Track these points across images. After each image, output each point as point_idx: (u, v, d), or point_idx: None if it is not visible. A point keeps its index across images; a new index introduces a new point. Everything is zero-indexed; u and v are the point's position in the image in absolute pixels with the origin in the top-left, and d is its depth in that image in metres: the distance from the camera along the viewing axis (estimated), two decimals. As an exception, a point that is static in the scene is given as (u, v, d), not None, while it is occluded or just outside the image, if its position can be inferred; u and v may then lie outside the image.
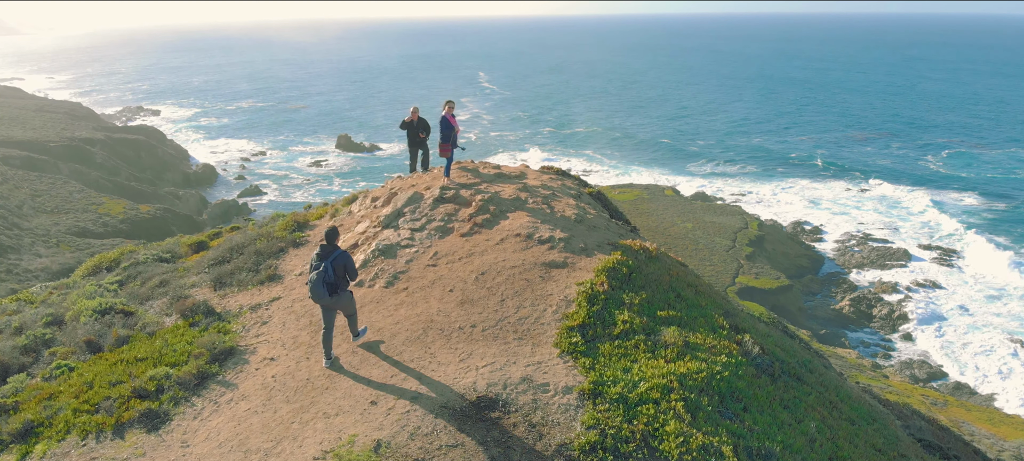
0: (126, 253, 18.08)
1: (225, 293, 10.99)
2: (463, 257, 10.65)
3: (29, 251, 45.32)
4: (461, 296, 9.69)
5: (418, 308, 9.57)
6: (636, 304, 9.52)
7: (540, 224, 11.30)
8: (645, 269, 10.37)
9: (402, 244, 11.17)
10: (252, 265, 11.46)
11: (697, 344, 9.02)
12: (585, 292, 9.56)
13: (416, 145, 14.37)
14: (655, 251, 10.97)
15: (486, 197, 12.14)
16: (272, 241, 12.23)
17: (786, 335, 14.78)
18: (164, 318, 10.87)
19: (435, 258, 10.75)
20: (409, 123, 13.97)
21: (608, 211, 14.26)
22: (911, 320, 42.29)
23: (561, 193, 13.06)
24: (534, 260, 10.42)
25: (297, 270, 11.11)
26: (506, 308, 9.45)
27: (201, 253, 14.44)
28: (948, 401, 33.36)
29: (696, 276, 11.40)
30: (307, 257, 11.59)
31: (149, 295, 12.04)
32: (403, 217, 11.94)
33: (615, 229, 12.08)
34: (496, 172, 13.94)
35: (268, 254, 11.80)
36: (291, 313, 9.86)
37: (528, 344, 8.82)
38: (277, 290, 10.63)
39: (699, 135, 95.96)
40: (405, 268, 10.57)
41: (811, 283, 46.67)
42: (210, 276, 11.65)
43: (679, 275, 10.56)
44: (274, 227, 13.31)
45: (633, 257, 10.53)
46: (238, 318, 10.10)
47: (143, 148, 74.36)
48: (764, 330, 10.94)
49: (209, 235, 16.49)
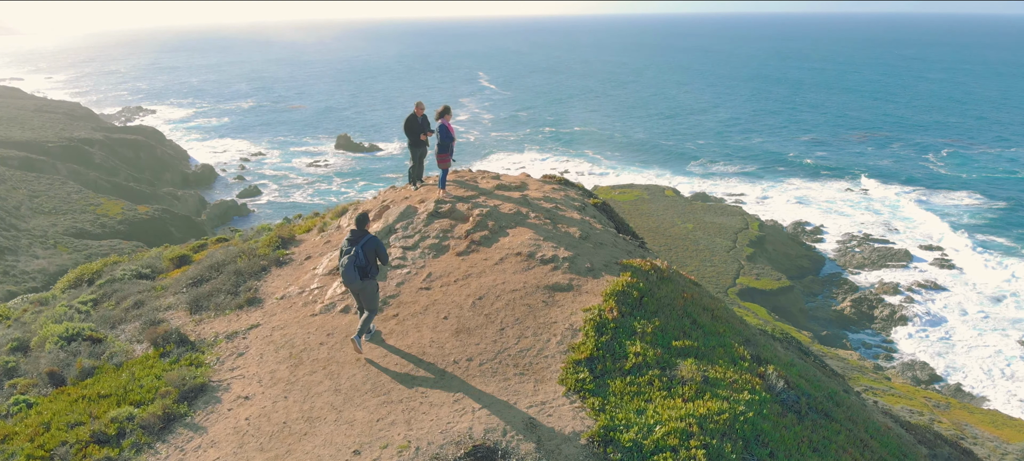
0: (108, 265, 17.08)
1: (201, 318, 9.99)
2: (459, 279, 9.66)
3: (26, 252, 44.34)
4: (456, 324, 8.71)
5: (409, 338, 8.58)
6: (649, 333, 8.54)
7: (543, 241, 10.31)
8: (657, 292, 9.38)
9: (393, 264, 10.17)
10: (231, 286, 10.47)
11: (717, 379, 8.05)
12: (593, 320, 8.59)
13: (419, 146, 13.18)
14: (667, 270, 9.97)
15: (484, 211, 11.15)
16: (254, 259, 11.24)
17: (802, 353, 13.82)
18: (135, 345, 9.87)
19: (429, 280, 9.77)
20: (412, 120, 12.81)
21: (614, 224, 13.26)
22: (912, 321, 41.47)
23: (565, 205, 12.06)
24: (536, 283, 9.43)
25: (279, 294, 10.09)
26: (506, 338, 8.47)
27: (183, 268, 13.43)
28: (950, 403, 32.55)
29: (711, 297, 10.42)
30: (290, 277, 10.60)
31: (122, 318, 11.04)
32: (395, 234, 10.97)
33: (623, 245, 11.10)
34: (496, 183, 12.90)
35: (249, 274, 10.78)
36: (270, 343, 8.86)
37: (530, 380, 7.85)
38: (256, 316, 9.62)
39: (699, 135, 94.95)
40: (396, 292, 9.57)
41: (812, 284, 45.80)
42: (187, 297, 10.65)
43: (694, 298, 9.56)
44: (258, 243, 12.29)
45: (644, 278, 9.53)
46: (213, 348, 9.10)
47: (142, 148, 73.23)
48: (785, 357, 9.96)
49: (193, 247, 15.47)
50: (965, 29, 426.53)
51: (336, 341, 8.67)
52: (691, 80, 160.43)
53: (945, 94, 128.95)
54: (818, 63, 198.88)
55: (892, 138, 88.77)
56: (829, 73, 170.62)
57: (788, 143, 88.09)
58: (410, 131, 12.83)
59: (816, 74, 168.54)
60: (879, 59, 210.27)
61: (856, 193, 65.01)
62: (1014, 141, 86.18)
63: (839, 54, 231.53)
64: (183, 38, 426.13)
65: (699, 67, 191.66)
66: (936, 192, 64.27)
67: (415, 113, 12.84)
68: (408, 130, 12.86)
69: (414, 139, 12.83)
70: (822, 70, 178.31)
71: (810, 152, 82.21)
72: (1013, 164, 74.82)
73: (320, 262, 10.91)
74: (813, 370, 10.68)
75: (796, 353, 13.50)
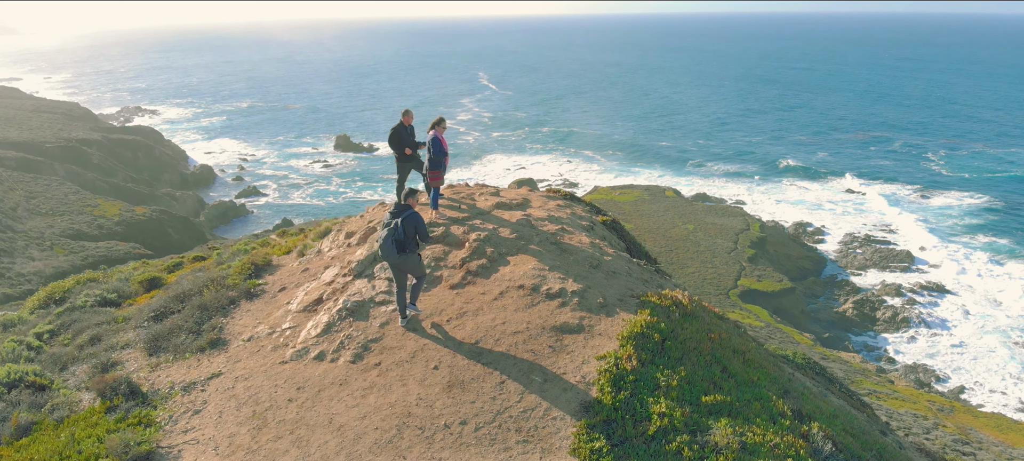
0: (81, 283, 15.65)
1: (158, 361, 8.54)
2: (453, 319, 8.23)
3: (23, 254, 42.99)
4: (449, 376, 7.29)
5: (393, 394, 7.15)
6: (674, 386, 7.14)
7: (548, 272, 8.85)
8: (680, 332, 7.97)
9: (377, 300, 8.67)
10: (194, 324, 8.99)
11: (756, 445, 6.66)
12: (608, 371, 7.19)
13: (407, 162, 11.59)
14: (689, 305, 8.55)
15: (482, 236, 9.71)
16: (222, 290, 9.77)
17: (827, 381, 12.43)
18: (83, 394, 8.44)
19: (416, 321, 8.31)
20: (399, 131, 11.19)
21: (626, 244, 11.83)
22: (915, 323, 40.29)
23: (572, 226, 10.63)
24: (542, 323, 7.99)
25: (246, 334, 8.63)
26: (507, 394, 7.05)
27: (152, 293, 11.99)
28: (954, 407, 31.44)
29: (740, 334, 9.00)
30: (260, 313, 9.14)
31: (75, 356, 9.60)
32: (380, 263, 9.44)
33: (638, 273, 9.67)
34: (495, 201, 11.56)
35: (215, 308, 9.32)
36: (231, 398, 7.44)
37: (536, 450, 6.44)
38: (218, 362, 8.17)
39: (699, 135, 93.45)
40: (379, 334, 8.11)
41: (814, 285, 44.53)
42: (147, 334, 9.17)
43: (722, 338, 8.15)
44: (230, 269, 10.86)
45: (665, 317, 8.11)
46: (166, 402, 7.67)
47: (140, 149, 71.67)
48: (826, 406, 8.55)
49: (167, 267, 14.01)
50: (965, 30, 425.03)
51: (307, 397, 7.24)
52: (691, 80, 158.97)
53: (945, 94, 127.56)
54: (818, 64, 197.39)
55: (892, 138, 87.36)
56: (829, 74, 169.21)
57: (789, 143, 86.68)
58: (397, 143, 11.27)
59: (816, 74, 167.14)
60: (878, 59, 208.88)
61: (857, 194, 63.63)
62: (1015, 141, 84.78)
63: (838, 54, 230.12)
64: (182, 38, 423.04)
65: (699, 67, 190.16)
66: (938, 192, 62.90)
67: (403, 123, 11.32)
68: (394, 143, 11.29)
69: (401, 153, 11.33)
70: (822, 71, 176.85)
71: (811, 152, 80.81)
72: (1014, 164, 73.45)
73: (295, 295, 9.46)
74: (855, 416, 9.28)
75: (823, 382, 12.13)
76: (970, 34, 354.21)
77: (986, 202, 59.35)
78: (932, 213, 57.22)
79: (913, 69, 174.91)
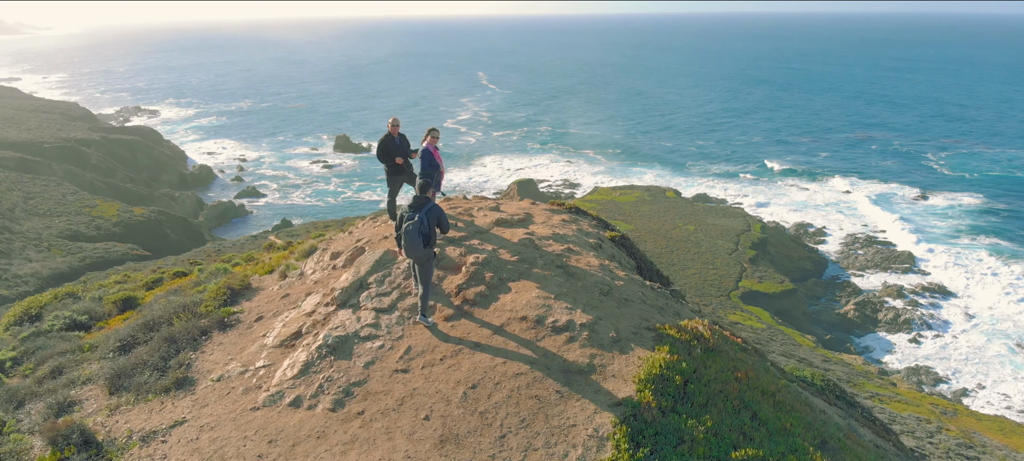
0: (59, 298, 14.61)
1: (118, 402, 7.49)
2: (447, 357, 7.19)
3: (20, 255, 42.06)
4: (441, 429, 6.27)
5: (377, 451, 6.12)
6: (701, 440, 6.13)
7: (554, 301, 7.85)
8: (704, 372, 6.96)
9: (362, 335, 7.65)
10: (160, 359, 8.00)
11: (796, 512, 5.70)
12: (625, 421, 6.21)
13: (398, 174, 10.57)
14: (712, 338, 7.53)
15: (481, 258, 8.70)
16: (193, 319, 8.76)
17: (847, 404, 11.45)
18: (35, 438, 7.44)
19: (407, 359, 7.28)
20: (387, 142, 10.18)
21: (636, 262, 10.86)
22: (916, 325, 39.48)
23: (578, 245, 9.63)
24: (548, 362, 6.97)
25: (216, 372, 7.59)
26: (508, 451, 6.04)
27: (126, 314, 10.95)
28: (958, 410, 30.65)
29: (767, 371, 7.99)
30: (233, 346, 8.11)
31: (33, 391, 8.58)
32: (367, 291, 8.42)
33: (652, 298, 8.67)
34: (495, 217, 10.56)
35: (185, 340, 8.27)
36: (194, 452, 6.40)
37: (543, 522, 5.46)
38: (183, 406, 7.12)
39: (699, 135, 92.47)
40: (363, 376, 7.05)
41: (815, 287, 43.65)
42: (110, 368, 8.12)
43: (750, 377, 7.14)
44: (205, 292, 9.83)
45: (686, 354, 7.11)
46: (122, 455, 6.66)
47: (139, 149, 70.59)
48: (863, 454, 7.55)
49: (145, 283, 12.96)
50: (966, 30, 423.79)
51: (279, 453, 6.21)
52: (691, 81, 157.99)
53: (946, 95, 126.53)
54: (817, 64, 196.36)
55: (895, 138, 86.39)
56: (829, 74, 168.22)
57: (791, 143, 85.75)
58: (386, 155, 10.27)
59: (820, 75, 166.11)
60: (878, 60, 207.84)
61: (858, 194, 62.68)
62: (1016, 142, 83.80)
63: (838, 55, 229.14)
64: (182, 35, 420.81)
65: (699, 68, 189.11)
66: (939, 193, 61.95)
67: (390, 133, 10.29)
68: (383, 154, 10.29)
69: (392, 164, 10.31)
70: (826, 71, 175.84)
71: (813, 153, 79.86)
72: (1014, 165, 72.47)
73: (272, 327, 8.44)
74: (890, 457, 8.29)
75: (845, 407, 11.15)
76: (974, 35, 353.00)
77: (989, 203, 58.40)
78: (935, 214, 56.29)
79: (913, 69, 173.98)
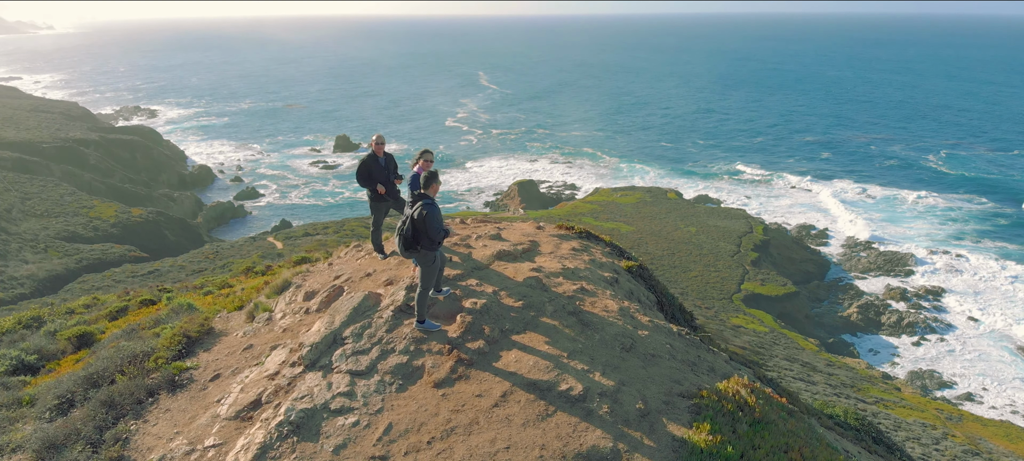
0: (22, 322, 14.02)
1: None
2: (436, 439, 5.98)
3: (16, 257, 42.04)
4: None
5: None
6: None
7: (566, 359, 6.88)
8: (753, 455, 5.98)
9: (332, 407, 6.40)
10: (94, 430, 6.84)
11: None
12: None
13: (382, 202, 9.10)
14: (758, 407, 6.61)
15: (479, 304, 7.62)
16: (140, 376, 7.67)
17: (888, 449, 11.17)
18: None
19: (386, 441, 5.95)
20: (371, 163, 8.74)
21: (656, 297, 9.97)
22: (920, 328, 39.55)
23: (592, 281, 8.71)
24: (562, 448, 5.80)
25: (157, 452, 6.40)
26: None
27: (79, 355, 10.10)
28: (962, 415, 30.65)
29: (822, 439, 7.09)
30: (182, 414, 7.14)
31: (-48, 459, 7.87)
32: (341, 347, 7.16)
33: (681, 350, 7.75)
34: (495, 246, 9.33)
35: (127, 406, 7.23)
36: None
37: None
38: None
39: (700, 136, 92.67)
40: (332, 462, 5.87)
41: (817, 289, 43.76)
42: (40, 437, 6.89)
43: (805, 458, 6.33)
44: (159, 338, 8.80)
45: (730, 430, 6.16)
46: None
47: (138, 149, 70.62)
48: None
49: (109, 313, 12.44)
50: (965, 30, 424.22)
51: None
52: (695, 81, 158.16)
53: (945, 98, 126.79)
54: (822, 65, 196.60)
55: (896, 139, 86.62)
56: (834, 74, 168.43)
57: (792, 145, 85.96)
58: (367, 179, 8.80)
59: (821, 75, 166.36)
60: (878, 60, 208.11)
61: (859, 195, 62.86)
62: (1016, 142, 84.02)
63: (838, 55, 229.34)
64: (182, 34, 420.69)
65: (703, 67, 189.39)
66: (941, 194, 62.14)
67: (374, 153, 8.80)
68: (364, 178, 8.82)
69: (374, 191, 8.87)
70: (826, 71, 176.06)
71: (814, 154, 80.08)
72: (1015, 165, 72.68)
73: (229, 389, 7.22)
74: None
75: (884, 452, 10.76)
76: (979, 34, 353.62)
77: (991, 205, 58.62)
78: (937, 215, 56.46)
79: (924, 69, 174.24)
